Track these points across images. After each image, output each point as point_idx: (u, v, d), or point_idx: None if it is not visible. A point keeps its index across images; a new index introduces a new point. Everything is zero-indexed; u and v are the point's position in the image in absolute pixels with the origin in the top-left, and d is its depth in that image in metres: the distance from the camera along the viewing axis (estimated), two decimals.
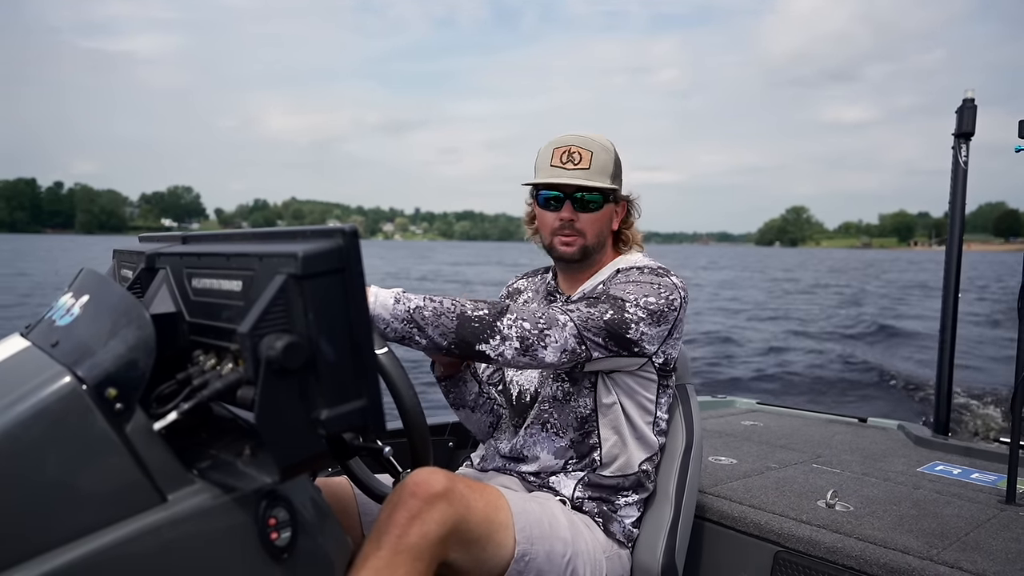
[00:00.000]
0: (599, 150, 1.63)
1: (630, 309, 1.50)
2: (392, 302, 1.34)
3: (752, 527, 1.85)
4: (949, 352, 2.99)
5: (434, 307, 1.36)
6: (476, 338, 1.37)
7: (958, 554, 1.63)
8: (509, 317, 1.39)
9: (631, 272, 1.60)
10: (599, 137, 1.66)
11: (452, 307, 1.37)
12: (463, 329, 1.36)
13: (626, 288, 1.54)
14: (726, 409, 3.50)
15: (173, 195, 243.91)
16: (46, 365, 0.93)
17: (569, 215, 1.62)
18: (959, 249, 2.99)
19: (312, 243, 0.84)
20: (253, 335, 0.80)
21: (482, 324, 1.37)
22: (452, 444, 2.35)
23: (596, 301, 1.51)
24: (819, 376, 9.66)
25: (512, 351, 1.39)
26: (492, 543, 1.35)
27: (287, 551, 0.95)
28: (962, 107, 2.91)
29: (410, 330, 1.34)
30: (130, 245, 1.37)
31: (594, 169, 1.61)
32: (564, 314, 1.46)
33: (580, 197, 1.62)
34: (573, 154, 1.61)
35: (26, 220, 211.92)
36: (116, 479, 0.86)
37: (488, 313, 1.38)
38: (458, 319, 1.36)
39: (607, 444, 1.63)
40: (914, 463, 2.49)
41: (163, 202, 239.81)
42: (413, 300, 1.35)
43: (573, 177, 1.60)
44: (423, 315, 1.34)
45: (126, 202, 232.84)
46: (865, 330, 14.62)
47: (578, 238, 1.64)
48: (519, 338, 1.39)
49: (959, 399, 6.94)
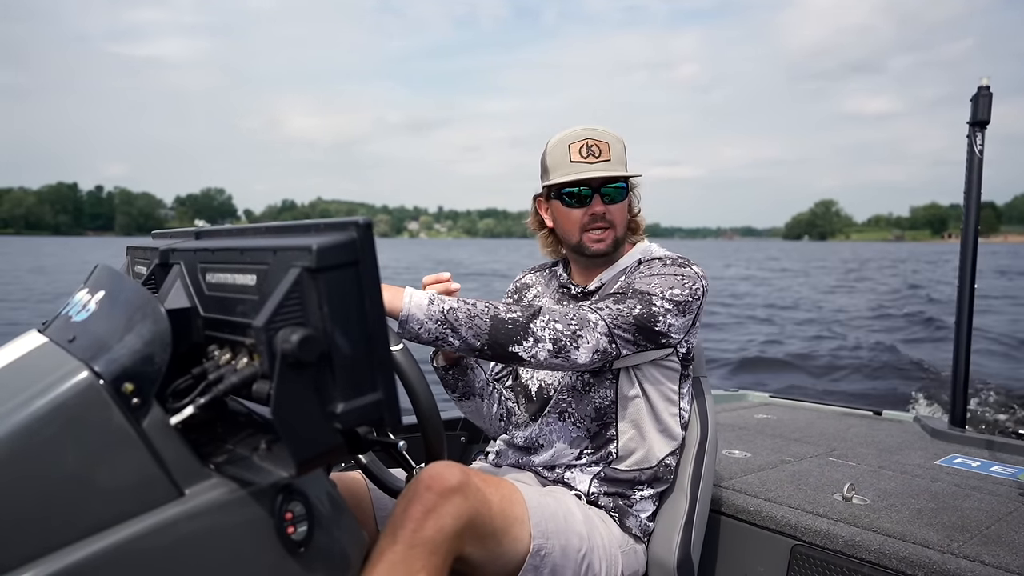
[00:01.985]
0: (614, 141, 1.64)
1: (657, 302, 1.50)
2: (427, 303, 1.35)
3: (768, 521, 1.84)
4: (965, 344, 2.96)
5: (468, 309, 1.38)
6: (509, 340, 1.38)
7: (979, 548, 1.61)
8: (542, 319, 1.41)
9: (653, 264, 1.60)
10: (608, 129, 1.66)
11: (485, 309, 1.39)
12: (496, 331, 1.38)
13: (651, 281, 1.53)
14: (739, 402, 3.48)
15: (206, 196, 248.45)
16: (64, 360, 0.93)
17: (601, 208, 1.62)
18: (975, 239, 2.95)
19: (326, 236, 0.83)
20: (268, 329, 0.80)
21: (515, 326, 1.39)
22: (465, 439, 2.34)
23: (623, 297, 1.51)
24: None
25: (545, 353, 1.40)
26: (508, 537, 1.35)
27: (304, 545, 0.95)
28: (977, 95, 2.87)
29: (444, 331, 1.36)
30: (143, 241, 1.37)
31: (615, 159, 1.62)
32: (594, 312, 1.46)
33: (609, 189, 1.62)
34: (592, 147, 1.61)
35: (69, 223, 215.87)
36: (134, 473, 0.86)
37: (521, 315, 1.40)
38: (492, 320, 1.38)
39: (624, 437, 1.63)
40: (931, 456, 2.47)
41: (196, 203, 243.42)
42: (448, 301, 1.37)
43: (600, 170, 1.60)
44: (457, 316, 1.36)
45: (160, 204, 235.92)
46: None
47: (610, 231, 1.64)
48: (552, 340, 1.40)
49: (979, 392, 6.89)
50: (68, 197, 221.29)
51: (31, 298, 18.34)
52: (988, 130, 2.89)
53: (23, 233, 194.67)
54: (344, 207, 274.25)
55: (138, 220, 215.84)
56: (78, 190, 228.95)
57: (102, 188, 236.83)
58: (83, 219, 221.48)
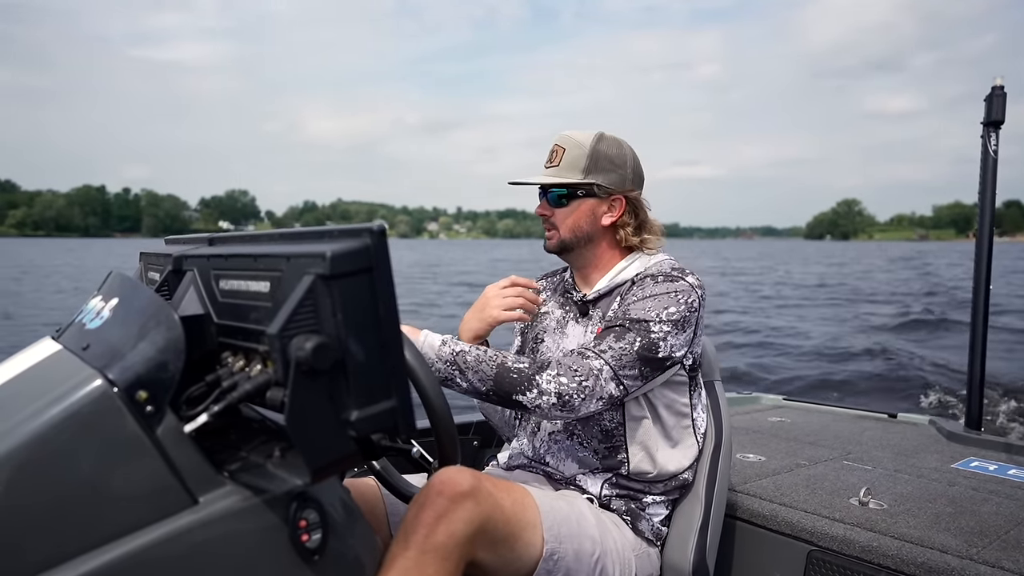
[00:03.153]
0: (572, 146, 1.65)
1: (654, 328, 1.50)
2: (439, 343, 1.44)
3: (784, 526, 1.82)
4: (981, 346, 2.93)
5: (477, 354, 1.44)
6: (514, 389, 1.42)
7: (999, 553, 1.59)
8: (549, 372, 1.44)
9: (645, 283, 1.59)
10: (580, 134, 1.67)
11: (494, 356, 1.44)
12: (501, 378, 1.42)
13: (645, 305, 1.53)
14: (752, 405, 3.46)
15: (231, 198, 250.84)
16: (77, 368, 0.93)
17: (543, 210, 1.70)
18: (990, 240, 2.92)
19: (340, 243, 0.83)
20: (282, 336, 0.80)
21: (520, 376, 1.43)
22: (477, 443, 2.34)
23: (623, 331, 1.50)
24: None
25: (549, 405, 1.43)
26: (520, 542, 1.34)
27: (318, 552, 0.95)
28: (991, 95, 2.85)
29: (452, 372, 1.42)
30: (156, 247, 1.38)
31: (563, 166, 1.65)
32: (598, 358, 1.47)
33: (553, 194, 1.67)
34: (553, 152, 1.68)
35: (98, 225, 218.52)
36: (148, 481, 0.86)
37: (528, 366, 1.44)
38: (497, 368, 1.43)
39: (635, 459, 1.61)
40: (948, 459, 2.44)
41: (221, 205, 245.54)
42: (459, 345, 1.45)
43: (546, 175, 1.67)
44: (465, 359, 1.42)
45: (184, 206, 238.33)
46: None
47: (554, 232, 1.69)
48: (557, 394, 1.43)
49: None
50: (96, 199, 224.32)
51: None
52: (1011, 128, 2.86)
53: (53, 235, 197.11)
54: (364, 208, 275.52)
55: (164, 222, 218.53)
56: (106, 192, 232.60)
57: (129, 190, 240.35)
58: (111, 221, 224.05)
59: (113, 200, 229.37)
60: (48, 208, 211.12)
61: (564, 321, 1.75)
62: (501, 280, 1.68)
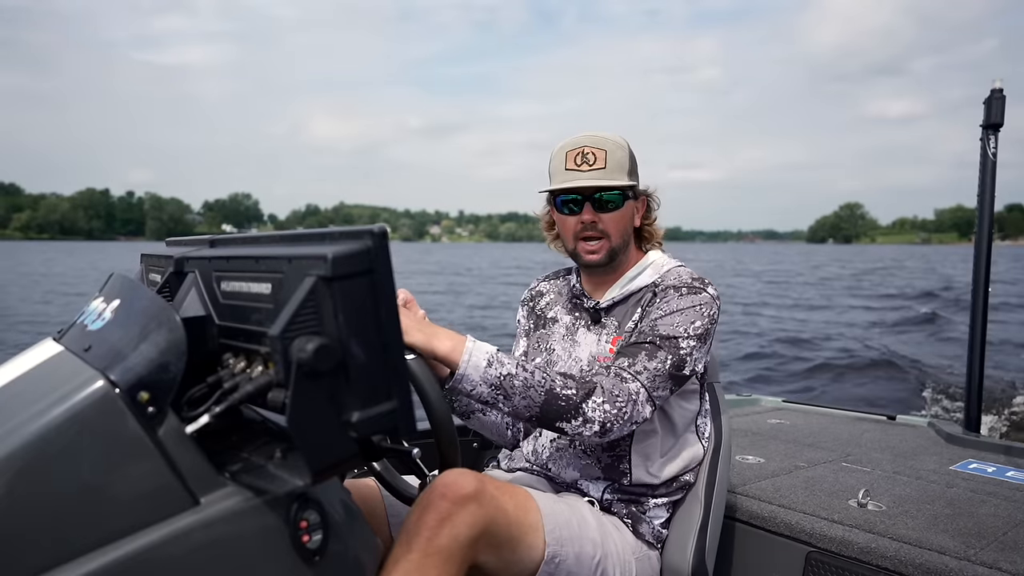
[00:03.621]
0: (613, 147, 1.59)
1: (683, 344, 1.50)
2: (484, 364, 1.34)
3: (783, 527, 1.83)
4: (980, 348, 2.94)
5: (525, 378, 1.36)
6: (560, 416, 1.39)
7: (997, 554, 1.59)
8: (595, 400, 1.39)
9: (669, 295, 1.55)
10: (611, 135, 1.62)
11: (542, 381, 1.38)
12: (548, 406, 1.37)
13: (673, 321, 1.51)
14: (751, 407, 3.46)
15: (234, 201, 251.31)
16: (79, 369, 0.94)
17: (591, 216, 1.59)
18: (988, 243, 2.93)
19: (341, 245, 0.83)
20: (284, 338, 0.80)
21: (568, 404, 1.38)
22: (477, 445, 2.34)
23: (654, 349, 1.48)
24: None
25: (591, 432, 1.40)
26: (522, 545, 1.34)
27: (318, 553, 0.95)
28: (990, 98, 2.86)
29: (496, 395, 1.36)
30: (157, 249, 1.38)
31: (610, 167, 1.58)
32: (634, 380, 1.45)
33: (599, 197, 1.58)
34: (587, 155, 1.58)
35: (102, 228, 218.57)
36: (149, 482, 0.86)
37: (575, 393, 1.39)
38: (546, 395, 1.37)
39: (637, 470, 1.61)
40: (946, 461, 2.45)
41: (224, 208, 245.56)
42: (506, 365, 1.36)
43: (591, 178, 1.57)
44: (513, 384, 1.36)
45: (187, 209, 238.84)
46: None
47: (604, 240, 1.60)
48: (601, 423, 1.40)
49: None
50: (100, 203, 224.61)
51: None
52: (1009, 131, 2.87)
53: (57, 238, 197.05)
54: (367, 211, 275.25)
55: (168, 225, 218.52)
56: (110, 196, 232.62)
57: (133, 193, 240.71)
58: (115, 224, 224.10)
59: (117, 203, 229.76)
60: (53, 211, 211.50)
61: (574, 328, 1.72)
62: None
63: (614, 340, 1.62)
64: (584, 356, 1.66)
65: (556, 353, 1.72)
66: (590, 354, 1.65)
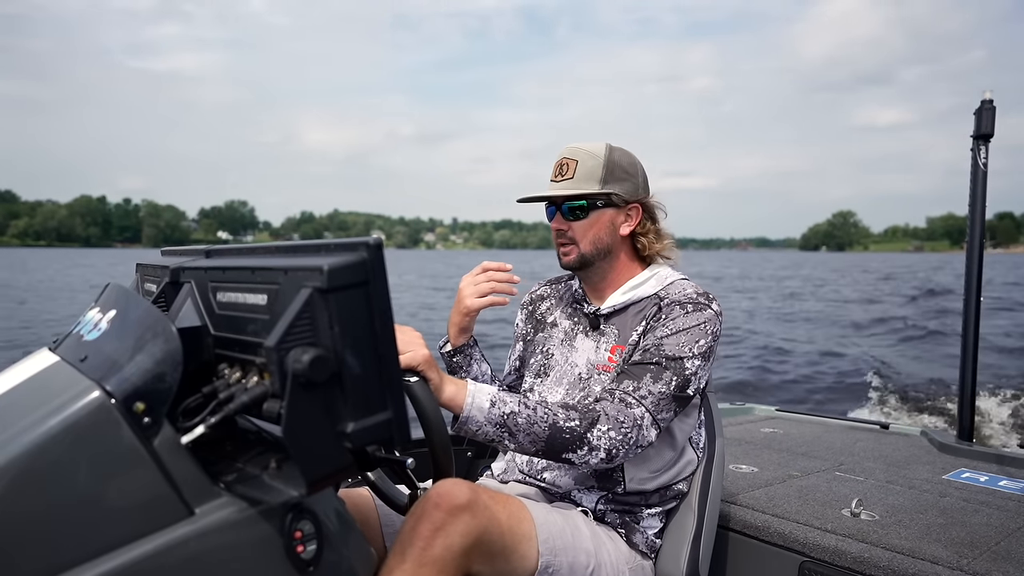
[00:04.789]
0: (585, 157, 1.62)
1: (688, 364, 1.51)
2: (488, 405, 1.38)
3: (776, 537, 1.83)
4: (972, 357, 2.95)
5: (528, 415, 1.39)
6: (565, 448, 1.41)
7: (989, 564, 1.60)
8: (600, 428, 1.42)
9: (675, 311, 1.56)
10: (591, 145, 1.65)
11: (545, 416, 1.40)
12: (553, 440, 1.40)
13: (679, 341, 1.52)
14: (745, 416, 3.47)
15: (230, 208, 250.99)
16: (75, 380, 0.94)
17: (559, 224, 1.65)
18: (980, 252, 2.95)
19: (337, 256, 0.84)
20: (280, 349, 0.80)
21: (573, 436, 1.41)
22: (471, 454, 2.34)
23: (659, 371, 1.50)
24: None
25: (597, 460, 1.43)
26: (516, 555, 1.34)
27: (313, 564, 0.95)
28: (980, 108, 2.88)
29: (501, 434, 1.39)
30: (153, 259, 1.38)
31: (578, 177, 1.62)
32: (639, 405, 1.47)
33: (569, 206, 1.63)
34: (563, 166, 1.64)
35: (99, 235, 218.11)
36: (144, 492, 0.86)
37: (579, 424, 1.41)
38: (550, 430, 1.40)
39: (632, 481, 1.61)
40: (939, 470, 2.46)
41: (220, 216, 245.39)
42: (508, 404, 1.39)
43: (559, 188, 1.63)
44: (516, 422, 1.39)
45: (182, 216, 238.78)
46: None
47: (573, 246, 1.64)
48: (606, 450, 1.42)
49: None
50: (97, 210, 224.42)
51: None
52: (998, 141, 2.90)
53: (55, 245, 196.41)
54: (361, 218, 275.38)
55: (165, 232, 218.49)
56: (106, 203, 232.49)
57: (129, 200, 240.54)
58: (111, 231, 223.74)
59: (113, 210, 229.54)
60: (50, 218, 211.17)
61: (573, 333, 1.73)
62: (474, 268, 1.66)
63: (613, 348, 1.63)
64: (581, 362, 1.67)
65: (554, 358, 1.73)
66: (588, 360, 1.66)
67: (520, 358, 1.86)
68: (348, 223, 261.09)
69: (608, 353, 1.63)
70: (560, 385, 1.69)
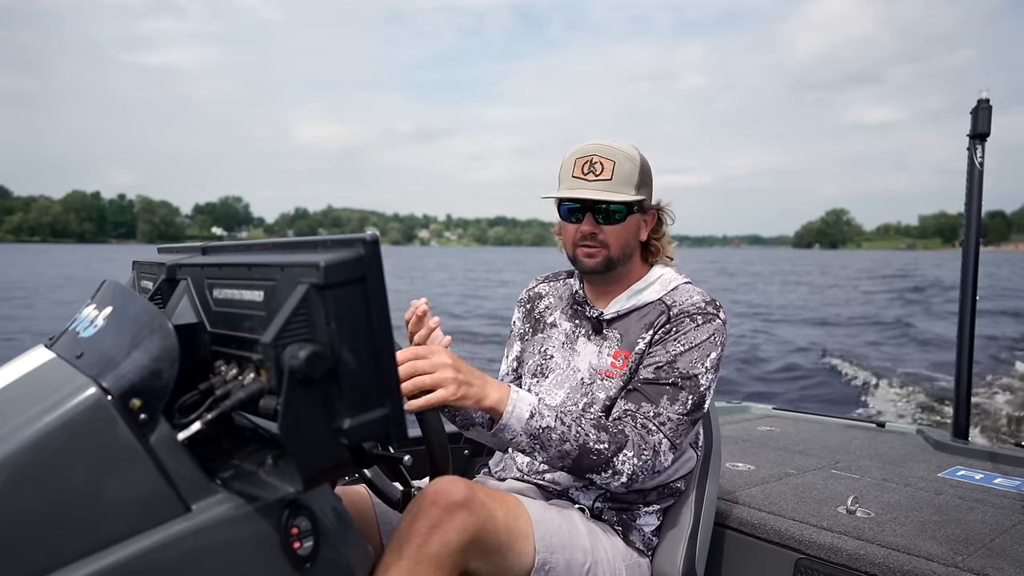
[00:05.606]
0: (622, 159, 1.56)
1: (702, 380, 1.52)
2: (527, 416, 1.39)
3: (772, 534, 1.84)
4: (967, 356, 2.96)
5: (562, 432, 1.41)
6: (591, 468, 1.44)
7: (984, 561, 1.60)
8: (625, 453, 1.44)
9: (685, 324, 1.55)
10: (623, 145, 1.59)
11: (577, 435, 1.42)
12: (581, 459, 1.43)
13: (692, 357, 1.52)
14: (742, 415, 3.48)
15: (224, 204, 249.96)
16: (71, 376, 0.94)
17: (591, 228, 1.57)
18: (976, 251, 2.96)
19: (333, 253, 0.84)
20: (276, 345, 0.80)
21: (600, 458, 1.43)
22: (468, 452, 2.34)
23: (675, 391, 1.50)
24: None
25: (618, 483, 1.46)
26: (512, 552, 1.34)
27: (309, 560, 0.95)
28: (977, 108, 2.89)
29: (533, 445, 1.41)
30: (150, 256, 1.38)
31: (616, 180, 1.55)
32: (658, 431, 1.48)
33: (603, 209, 1.56)
34: (595, 164, 1.55)
35: (93, 231, 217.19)
36: (141, 489, 0.86)
37: (607, 448, 1.43)
38: (580, 449, 1.42)
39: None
40: (935, 468, 2.46)
41: (215, 212, 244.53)
42: (546, 418, 1.40)
43: (594, 190, 1.55)
44: (550, 437, 1.40)
45: (176, 212, 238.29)
46: None
47: (601, 249, 1.58)
48: (629, 475, 1.45)
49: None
50: (92, 206, 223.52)
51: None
52: (989, 140, 2.90)
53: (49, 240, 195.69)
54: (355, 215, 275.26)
55: (160, 228, 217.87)
56: (100, 198, 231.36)
57: (124, 196, 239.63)
58: (106, 227, 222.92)
59: (108, 206, 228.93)
60: (45, 214, 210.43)
61: (574, 336, 1.70)
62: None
63: (616, 353, 1.61)
64: (583, 366, 1.66)
65: (555, 360, 1.72)
66: (590, 365, 1.65)
67: (518, 358, 1.84)
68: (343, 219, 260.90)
69: (611, 358, 1.62)
70: (561, 388, 1.68)
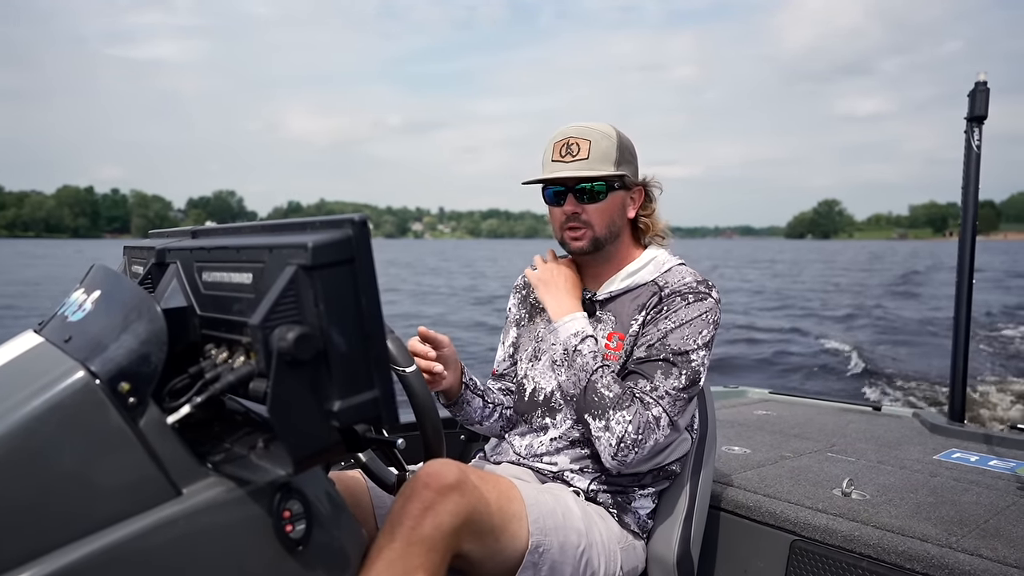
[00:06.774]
0: (598, 137, 1.57)
1: (695, 357, 1.53)
2: (573, 333, 1.57)
3: (768, 516, 1.84)
4: (964, 339, 2.96)
5: (584, 362, 1.53)
6: (588, 409, 1.51)
7: (978, 541, 1.61)
8: (623, 415, 1.47)
9: (676, 302, 1.56)
10: (599, 125, 1.60)
11: (594, 373, 1.52)
12: (584, 395, 1.52)
13: (683, 333, 1.53)
14: (738, 399, 3.48)
15: (218, 198, 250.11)
16: (60, 360, 0.93)
17: (573, 208, 1.58)
18: (973, 235, 2.96)
19: (321, 234, 0.83)
20: (264, 327, 0.80)
21: (600, 402, 1.49)
22: (464, 437, 2.35)
23: (668, 367, 1.51)
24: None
25: (605, 444, 1.49)
26: (506, 534, 1.34)
27: (302, 543, 0.95)
28: (974, 91, 2.87)
29: (563, 359, 1.59)
30: (140, 241, 1.37)
31: (593, 158, 1.56)
32: (656, 405, 1.49)
33: (583, 188, 1.57)
34: (571, 146, 1.57)
35: (87, 225, 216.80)
36: (131, 473, 0.86)
37: (611, 396, 1.49)
38: (587, 383, 1.52)
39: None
40: (930, 451, 2.47)
41: (208, 205, 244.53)
42: (586, 345, 1.55)
43: (572, 169, 1.56)
44: (575, 361, 1.55)
45: (168, 206, 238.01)
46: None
47: (586, 230, 1.59)
48: (619, 437, 1.47)
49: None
50: (85, 200, 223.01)
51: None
52: None
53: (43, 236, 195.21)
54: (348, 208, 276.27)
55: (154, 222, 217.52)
56: (93, 193, 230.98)
57: (117, 191, 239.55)
58: (100, 222, 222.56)
59: (101, 201, 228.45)
60: (38, 209, 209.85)
61: None
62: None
63: (610, 335, 1.62)
64: None
65: (547, 342, 1.72)
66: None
67: (514, 343, 1.85)
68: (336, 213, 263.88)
69: (604, 340, 1.62)
70: (554, 370, 1.69)
